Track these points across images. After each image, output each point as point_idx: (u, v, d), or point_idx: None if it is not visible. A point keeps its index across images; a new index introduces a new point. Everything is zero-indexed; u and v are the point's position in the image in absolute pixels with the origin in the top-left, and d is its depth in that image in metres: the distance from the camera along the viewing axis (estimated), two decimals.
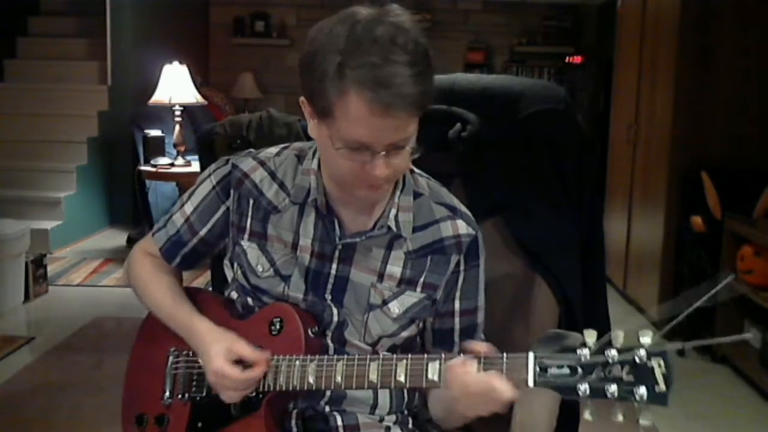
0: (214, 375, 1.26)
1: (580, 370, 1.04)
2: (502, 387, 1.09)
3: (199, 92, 5.21)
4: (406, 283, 1.30)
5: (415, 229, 1.30)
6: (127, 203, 5.87)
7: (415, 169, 1.36)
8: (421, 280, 1.31)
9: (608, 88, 5.48)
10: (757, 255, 3.22)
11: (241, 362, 1.26)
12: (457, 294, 1.32)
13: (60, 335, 3.71)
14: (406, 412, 1.39)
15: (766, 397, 3.14)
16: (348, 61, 1.09)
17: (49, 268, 4.47)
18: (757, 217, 3.34)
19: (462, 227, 1.32)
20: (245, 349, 1.26)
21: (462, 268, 1.32)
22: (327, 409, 1.34)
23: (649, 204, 4.14)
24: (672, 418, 2.88)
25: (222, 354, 1.25)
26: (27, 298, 4.19)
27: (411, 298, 1.30)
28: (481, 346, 1.14)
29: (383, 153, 1.14)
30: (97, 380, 3.18)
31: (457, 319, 1.33)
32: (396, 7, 1.16)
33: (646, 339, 1.02)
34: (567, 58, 7.20)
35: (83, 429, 2.78)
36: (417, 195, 1.32)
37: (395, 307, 1.29)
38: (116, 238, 5.64)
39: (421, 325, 1.34)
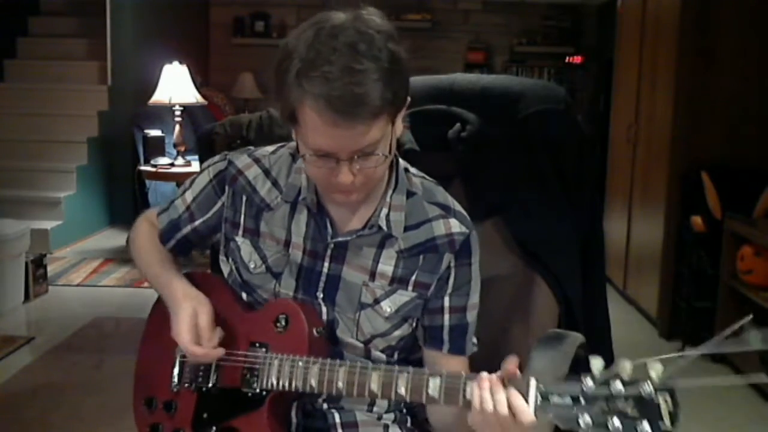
0: (173, 334, 1.29)
1: (582, 401, 1.00)
2: (524, 409, 1.04)
3: (199, 92, 5.21)
4: (398, 282, 1.30)
5: (407, 228, 1.29)
6: (127, 203, 5.86)
7: (410, 168, 1.35)
8: (413, 278, 1.30)
9: (608, 88, 5.48)
10: (757, 255, 3.22)
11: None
12: (448, 291, 1.31)
13: (60, 335, 3.71)
14: (405, 410, 1.40)
15: (766, 397, 3.14)
16: (305, 69, 1.08)
17: (49, 268, 4.47)
18: (757, 217, 3.34)
19: (455, 226, 1.30)
20: (204, 324, 1.28)
21: (453, 265, 1.30)
22: (325, 406, 1.35)
23: (649, 204, 4.13)
24: None
25: (187, 319, 1.27)
26: (27, 298, 4.19)
27: (403, 297, 1.30)
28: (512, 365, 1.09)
29: (348, 160, 1.13)
30: (97, 380, 3.19)
31: (446, 316, 1.31)
32: (371, 11, 1.14)
33: (655, 372, 0.98)
34: (567, 58, 7.20)
35: (83, 429, 2.78)
36: (410, 194, 1.31)
37: (387, 306, 1.29)
38: (116, 238, 5.63)
39: (414, 324, 1.33)
